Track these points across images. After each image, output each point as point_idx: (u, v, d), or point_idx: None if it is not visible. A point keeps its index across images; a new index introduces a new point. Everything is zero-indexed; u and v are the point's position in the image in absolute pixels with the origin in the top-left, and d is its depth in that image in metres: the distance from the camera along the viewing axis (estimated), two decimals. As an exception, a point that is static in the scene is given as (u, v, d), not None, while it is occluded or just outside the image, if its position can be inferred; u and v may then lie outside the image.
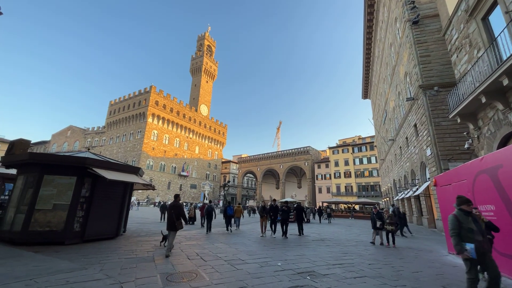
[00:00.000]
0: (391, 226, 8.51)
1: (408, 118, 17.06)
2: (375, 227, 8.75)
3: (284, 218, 9.78)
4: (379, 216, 8.82)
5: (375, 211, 9.06)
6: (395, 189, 26.18)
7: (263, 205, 10.63)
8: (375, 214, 8.93)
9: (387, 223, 8.61)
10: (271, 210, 9.97)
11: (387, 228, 8.56)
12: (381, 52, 26.29)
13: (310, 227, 15.79)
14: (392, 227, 8.51)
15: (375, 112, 37.96)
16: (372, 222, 8.98)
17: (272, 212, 9.94)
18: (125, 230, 9.18)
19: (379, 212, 9.00)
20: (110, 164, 7.83)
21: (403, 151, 19.78)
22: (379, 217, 8.76)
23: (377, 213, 8.95)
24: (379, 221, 8.67)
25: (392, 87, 21.97)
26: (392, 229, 8.50)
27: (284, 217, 9.79)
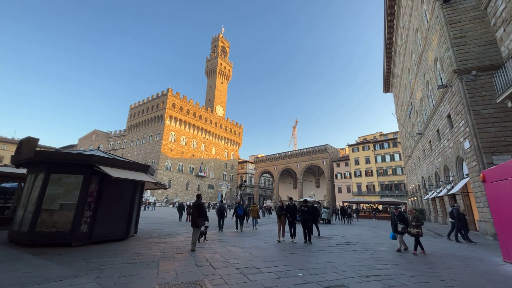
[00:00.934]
0: (416, 229, 7.22)
1: (440, 108, 15.42)
2: (397, 230, 7.53)
3: (304, 219, 8.51)
4: (401, 218, 7.55)
5: (396, 212, 7.79)
6: (423, 187, 24.17)
7: (280, 204, 9.21)
8: (397, 216, 7.66)
9: (412, 225, 7.32)
10: (288, 211, 8.73)
11: (411, 231, 7.28)
12: (405, 40, 24.42)
13: (332, 228, 14.74)
14: (418, 230, 7.23)
15: (398, 106, 35.63)
16: (393, 225, 7.72)
17: (289, 213, 8.69)
18: (137, 231, 8.83)
19: (401, 214, 7.70)
20: (117, 162, 7.46)
21: (434, 145, 18.03)
22: (401, 219, 7.50)
23: (398, 214, 7.66)
24: (401, 224, 7.43)
25: (419, 77, 20.20)
26: (418, 232, 7.20)
27: (304, 218, 8.54)
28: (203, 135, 71.45)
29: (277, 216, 9.09)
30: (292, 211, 8.66)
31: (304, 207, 8.73)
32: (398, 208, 8.25)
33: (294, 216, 8.63)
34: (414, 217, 7.41)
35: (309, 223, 8.51)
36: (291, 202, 8.92)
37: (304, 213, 8.58)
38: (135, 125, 69.37)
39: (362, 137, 64.52)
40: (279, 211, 9.05)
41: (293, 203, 8.94)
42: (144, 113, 67.02)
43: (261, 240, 8.62)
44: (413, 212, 7.59)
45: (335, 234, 11.47)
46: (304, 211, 8.63)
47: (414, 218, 7.38)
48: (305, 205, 8.87)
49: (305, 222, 8.50)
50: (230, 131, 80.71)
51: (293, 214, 8.65)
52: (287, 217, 8.66)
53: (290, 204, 8.81)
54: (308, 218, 8.54)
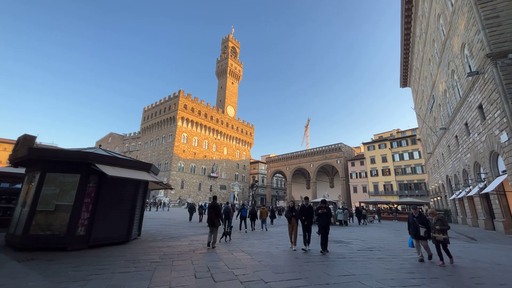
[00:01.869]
0: (442, 235, 5.84)
1: (468, 99, 13.99)
2: (418, 235, 6.15)
3: (323, 224, 7.12)
4: (422, 220, 6.23)
5: (415, 212, 6.39)
6: (449, 186, 22.42)
7: (290, 205, 7.77)
8: (416, 217, 6.28)
9: (436, 230, 5.96)
10: (303, 213, 7.24)
11: (436, 237, 5.93)
12: (425, 29, 22.80)
13: (349, 231, 13.70)
14: (445, 236, 5.85)
15: (418, 101, 33.65)
16: (412, 229, 6.33)
17: (304, 215, 7.20)
18: (140, 234, 8.33)
19: (421, 215, 6.37)
20: (117, 160, 6.97)
21: (461, 140, 16.50)
22: (422, 222, 6.19)
23: (418, 215, 6.29)
24: (423, 227, 6.11)
25: (442, 67, 18.66)
26: (445, 239, 5.85)
27: (322, 223, 7.14)
28: (215, 135, 71.55)
29: (287, 219, 7.58)
30: (308, 214, 7.26)
31: (323, 209, 7.22)
32: (418, 208, 6.73)
33: (310, 220, 7.22)
34: (438, 219, 6.00)
35: (327, 229, 7.15)
36: (306, 203, 7.44)
37: (323, 217, 7.21)
38: (149, 127, 70.59)
39: (378, 135, 62.04)
40: (288, 212, 7.66)
41: (309, 204, 7.49)
42: (157, 115, 68.05)
43: (272, 245, 7.85)
44: (436, 214, 6.18)
45: (354, 237, 10.49)
46: (323, 213, 7.21)
47: (438, 220, 5.99)
48: (324, 207, 7.31)
49: (323, 227, 7.10)
50: (241, 132, 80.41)
51: (309, 217, 7.21)
52: (302, 220, 7.26)
53: (305, 205, 7.39)
54: (328, 222, 7.19)
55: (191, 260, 5.32)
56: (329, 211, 7.48)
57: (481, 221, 15.39)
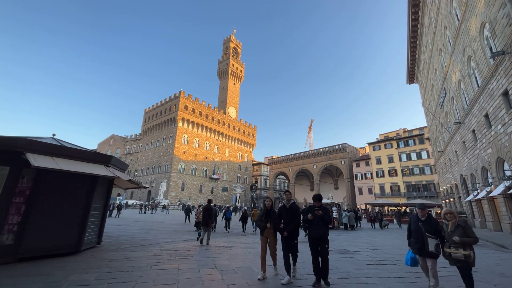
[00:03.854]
0: (463, 251, 3.52)
1: (490, 86, 12.33)
2: (425, 250, 3.85)
3: (317, 235, 4.27)
4: (432, 225, 3.97)
5: (421, 214, 4.11)
6: (463, 187, 20.58)
7: (268, 205, 4.82)
8: (423, 222, 4.04)
9: (453, 242, 3.62)
10: (282, 216, 4.58)
11: (454, 254, 3.58)
12: (435, 17, 21.18)
13: (356, 236, 12.09)
14: (466, 252, 3.50)
15: (426, 97, 31.83)
16: (416, 239, 4.04)
17: (284, 220, 4.51)
18: (100, 241, 6.90)
19: (431, 218, 4.08)
20: (61, 150, 5.57)
21: (480, 134, 14.78)
22: (433, 229, 3.92)
23: (426, 219, 4.05)
24: (432, 238, 3.85)
25: (456, 54, 17.00)
26: (467, 258, 3.48)
27: (316, 233, 4.28)
28: (216, 137, 70.34)
29: (260, 229, 4.77)
30: (290, 218, 4.47)
31: (318, 210, 4.34)
32: (426, 208, 4.20)
33: (293, 228, 4.41)
34: (458, 225, 3.68)
35: (325, 244, 4.20)
36: (288, 201, 4.67)
37: (316, 223, 4.28)
38: (149, 129, 69.82)
39: (384, 135, 59.95)
40: (260, 220, 4.73)
41: (292, 203, 4.68)
42: (158, 116, 67.23)
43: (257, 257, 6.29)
44: (455, 215, 3.83)
45: (361, 245, 8.89)
46: (316, 218, 4.28)
47: (458, 227, 3.66)
48: (319, 207, 4.43)
49: (318, 240, 4.23)
50: (243, 133, 79.08)
51: (291, 222, 4.43)
52: (278, 230, 4.53)
53: (286, 205, 4.64)
54: (325, 233, 4.26)
55: (136, 282, 3.85)
56: (328, 214, 4.42)
57: (506, 225, 13.59)
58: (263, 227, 4.67)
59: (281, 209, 4.72)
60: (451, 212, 3.91)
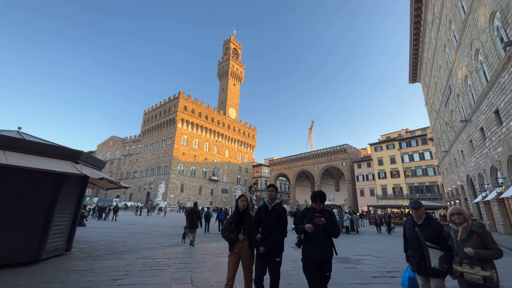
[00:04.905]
0: (482, 270, 2.42)
1: (501, 79, 11.53)
2: (426, 267, 2.76)
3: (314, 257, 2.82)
4: (433, 232, 2.86)
5: (416, 216, 2.99)
6: (470, 188, 19.71)
7: (241, 206, 3.50)
8: (420, 226, 2.95)
9: (466, 257, 2.53)
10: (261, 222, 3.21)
11: (467, 275, 2.49)
12: (439, 11, 20.44)
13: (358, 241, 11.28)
14: (487, 273, 2.38)
15: (429, 96, 31.02)
16: (414, 252, 2.95)
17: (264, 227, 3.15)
18: (69, 247, 6.14)
19: (431, 221, 2.98)
20: (17, 142, 4.83)
21: (489, 132, 13.96)
22: (434, 236, 2.84)
23: (425, 222, 2.96)
24: (434, 248, 2.76)
25: (462, 49, 16.23)
26: (490, 280, 2.36)
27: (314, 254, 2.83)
28: (216, 138, 69.66)
29: (228, 243, 3.32)
30: (271, 225, 3.15)
31: (319, 217, 2.84)
32: (423, 208, 3.06)
33: (277, 239, 3.08)
34: (473, 231, 2.61)
35: (327, 271, 2.83)
36: (271, 200, 3.29)
37: (317, 237, 2.86)
38: (149, 130, 69.27)
39: (385, 135, 59.00)
40: (229, 228, 3.39)
41: (277, 203, 3.30)
42: (157, 117, 66.70)
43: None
44: (466, 217, 2.73)
45: (365, 251, 8.08)
46: (318, 228, 2.85)
47: (473, 234, 2.60)
48: (321, 211, 2.94)
49: (318, 264, 2.82)
50: (243, 134, 78.38)
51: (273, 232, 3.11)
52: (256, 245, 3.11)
53: (268, 206, 3.27)
54: (328, 252, 2.84)
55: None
56: (334, 222, 3.00)
57: (517, 229, 12.73)
58: (232, 239, 3.19)
59: (259, 211, 3.22)
60: (460, 212, 2.70)
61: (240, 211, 3.46)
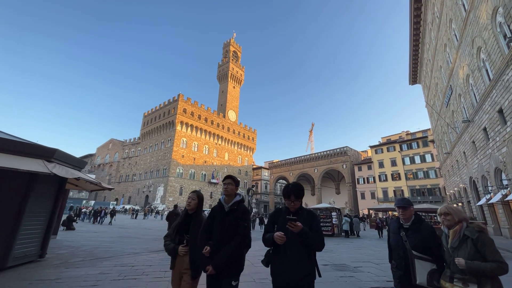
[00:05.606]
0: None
1: (505, 77, 11.11)
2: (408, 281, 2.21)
3: (283, 280, 1.95)
4: (424, 236, 2.26)
5: (404, 216, 2.37)
6: (473, 190, 19.18)
7: (188, 210, 2.69)
8: (407, 231, 2.34)
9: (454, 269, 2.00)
10: (213, 228, 2.36)
11: None
12: (439, 10, 20.13)
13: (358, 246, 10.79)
14: None
15: (430, 97, 30.63)
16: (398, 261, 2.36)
17: (216, 236, 2.29)
18: (43, 254, 5.68)
19: (420, 224, 2.35)
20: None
21: (492, 132, 13.51)
22: (424, 243, 2.23)
23: (413, 225, 2.35)
24: (423, 260, 2.16)
25: (463, 48, 15.86)
26: None
27: (283, 276, 1.95)
28: (215, 140, 69.28)
29: (170, 255, 2.56)
30: (227, 232, 2.28)
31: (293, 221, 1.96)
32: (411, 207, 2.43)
33: (232, 254, 2.18)
34: (466, 236, 2.03)
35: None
36: (229, 197, 2.43)
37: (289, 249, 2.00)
38: (148, 133, 69.02)
39: (386, 138, 58.52)
40: (172, 236, 2.64)
41: (238, 201, 2.43)
42: (157, 120, 66.48)
43: None
44: (456, 219, 2.11)
45: (364, 258, 7.58)
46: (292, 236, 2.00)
47: (466, 240, 2.02)
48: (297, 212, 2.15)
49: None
50: (243, 136, 77.98)
51: (227, 243, 2.23)
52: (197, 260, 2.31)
53: (224, 206, 2.41)
54: (304, 273, 1.94)
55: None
56: (317, 228, 2.09)
57: (525, 233, 12.20)
58: (169, 250, 2.49)
59: (212, 213, 2.40)
60: (448, 212, 2.15)
61: (188, 213, 2.60)
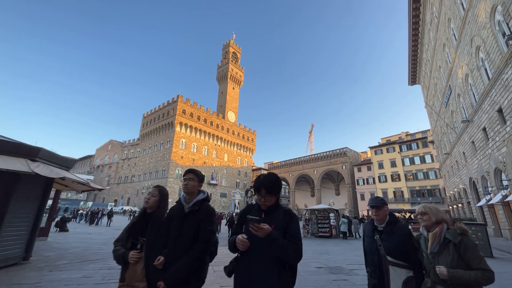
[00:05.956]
0: None
1: (504, 75, 10.96)
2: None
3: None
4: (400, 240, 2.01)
5: (377, 217, 2.13)
6: (473, 191, 18.98)
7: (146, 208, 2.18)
8: (382, 233, 2.10)
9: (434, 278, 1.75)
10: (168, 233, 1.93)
11: None
12: (438, 10, 20.04)
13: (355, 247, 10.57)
14: None
15: (429, 97, 30.52)
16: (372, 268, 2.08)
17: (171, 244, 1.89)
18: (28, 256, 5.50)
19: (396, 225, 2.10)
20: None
21: (492, 132, 13.34)
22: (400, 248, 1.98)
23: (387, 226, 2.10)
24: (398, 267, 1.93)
25: (462, 47, 15.73)
26: None
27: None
28: (215, 141, 69.11)
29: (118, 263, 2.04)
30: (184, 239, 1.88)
31: (256, 222, 1.50)
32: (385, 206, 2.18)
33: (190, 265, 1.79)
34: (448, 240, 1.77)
35: None
36: (190, 194, 2.08)
37: (254, 257, 1.57)
38: (147, 134, 68.92)
39: (386, 139, 58.34)
40: (124, 239, 2.11)
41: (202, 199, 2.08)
42: (156, 121, 66.38)
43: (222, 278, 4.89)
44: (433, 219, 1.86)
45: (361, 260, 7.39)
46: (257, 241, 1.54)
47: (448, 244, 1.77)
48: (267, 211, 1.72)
49: None
50: (242, 137, 77.81)
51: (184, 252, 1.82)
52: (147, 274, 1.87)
53: (184, 206, 2.02)
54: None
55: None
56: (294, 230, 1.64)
57: (526, 234, 12.01)
58: (118, 257, 2.00)
59: (170, 214, 2.02)
60: (425, 212, 1.91)
61: (146, 212, 2.13)
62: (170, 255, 1.82)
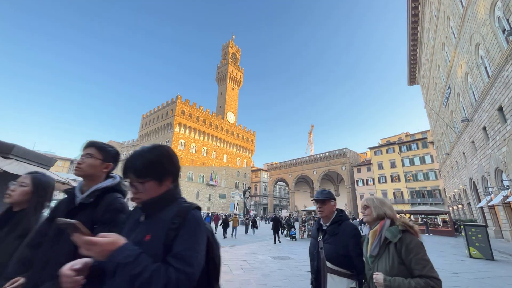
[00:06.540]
0: None
1: (504, 73, 10.70)
2: None
3: None
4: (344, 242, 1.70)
5: (322, 214, 1.84)
6: (473, 192, 18.70)
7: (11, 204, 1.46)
8: (325, 234, 1.80)
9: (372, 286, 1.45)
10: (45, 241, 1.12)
11: None
12: (437, 8, 19.82)
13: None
14: None
15: (429, 97, 30.27)
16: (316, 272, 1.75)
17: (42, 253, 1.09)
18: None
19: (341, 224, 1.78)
20: None
21: (492, 132, 13.07)
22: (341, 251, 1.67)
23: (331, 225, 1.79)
24: (338, 275, 1.63)
25: (461, 45, 15.49)
26: None
27: None
28: (214, 142, 68.92)
29: None
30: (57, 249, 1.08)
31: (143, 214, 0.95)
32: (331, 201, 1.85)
33: None
34: (386, 240, 1.47)
35: None
36: (89, 182, 1.25)
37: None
38: (146, 134, 68.85)
39: (385, 139, 58.08)
40: None
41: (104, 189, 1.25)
42: (155, 121, 66.31)
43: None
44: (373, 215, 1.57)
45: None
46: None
47: (388, 245, 1.47)
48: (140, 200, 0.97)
49: None
50: (242, 138, 77.62)
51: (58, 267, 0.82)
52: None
53: (74, 196, 1.22)
54: None
55: None
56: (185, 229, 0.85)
57: (527, 236, 11.70)
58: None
59: (57, 208, 1.24)
60: (367, 205, 1.61)
61: (11, 210, 1.48)
62: (34, 278, 1.04)
